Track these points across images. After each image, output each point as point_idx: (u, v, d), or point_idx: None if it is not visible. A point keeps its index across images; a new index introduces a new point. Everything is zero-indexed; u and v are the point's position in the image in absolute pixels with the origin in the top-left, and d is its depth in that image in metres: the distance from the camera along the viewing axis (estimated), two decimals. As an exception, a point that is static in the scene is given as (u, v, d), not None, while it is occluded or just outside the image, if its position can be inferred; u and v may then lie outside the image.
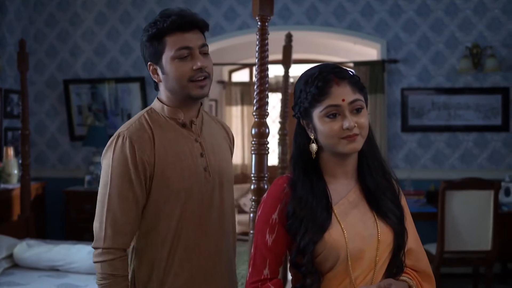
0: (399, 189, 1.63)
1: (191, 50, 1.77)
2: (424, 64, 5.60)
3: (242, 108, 7.96)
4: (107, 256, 1.71)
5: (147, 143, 1.75)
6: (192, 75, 1.76)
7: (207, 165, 1.83)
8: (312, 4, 5.70)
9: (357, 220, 1.53)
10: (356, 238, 1.50)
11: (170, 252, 1.77)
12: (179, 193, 1.76)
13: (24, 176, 4.63)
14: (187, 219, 1.78)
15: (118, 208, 1.72)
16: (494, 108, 5.53)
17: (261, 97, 2.42)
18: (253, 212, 2.42)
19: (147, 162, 1.74)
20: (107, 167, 1.75)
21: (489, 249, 4.33)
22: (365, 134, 1.53)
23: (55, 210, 5.84)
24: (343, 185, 1.57)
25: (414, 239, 1.60)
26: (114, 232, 1.72)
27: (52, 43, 5.98)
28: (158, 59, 1.79)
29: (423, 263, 1.62)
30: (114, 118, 5.92)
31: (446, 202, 4.30)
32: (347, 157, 1.56)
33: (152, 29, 1.79)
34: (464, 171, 5.42)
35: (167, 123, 1.81)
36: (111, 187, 1.73)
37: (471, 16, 5.54)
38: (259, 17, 2.41)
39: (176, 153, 1.78)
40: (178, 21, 1.76)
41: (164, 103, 1.84)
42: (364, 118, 1.52)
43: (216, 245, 1.84)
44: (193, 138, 1.83)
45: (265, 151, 2.43)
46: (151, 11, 5.80)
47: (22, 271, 3.71)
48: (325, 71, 1.52)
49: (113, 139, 1.77)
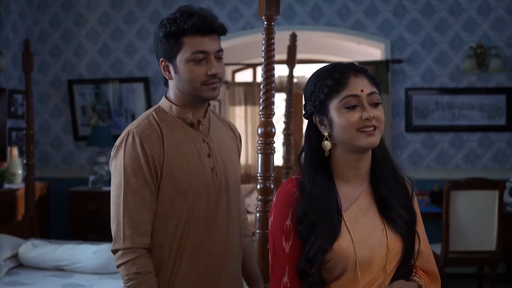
0: (413, 192, 1.59)
1: (207, 54, 1.76)
2: (428, 64, 5.59)
3: (246, 108, 7.95)
4: (129, 256, 1.69)
5: (157, 141, 1.74)
6: (205, 80, 1.75)
7: (214, 166, 1.81)
8: (316, 4, 5.70)
9: (366, 228, 1.49)
10: (365, 247, 1.47)
11: (178, 252, 1.75)
12: (186, 193, 1.75)
13: (28, 176, 4.63)
14: (194, 220, 1.76)
15: (135, 207, 1.70)
16: (499, 108, 5.52)
17: (267, 96, 2.42)
18: (259, 212, 2.42)
19: (157, 161, 1.72)
20: (119, 166, 1.72)
21: (493, 249, 4.32)
22: (382, 129, 1.48)
23: (59, 210, 5.84)
24: (354, 189, 1.52)
25: (423, 241, 1.58)
26: (133, 232, 1.69)
27: (56, 43, 5.99)
28: (172, 57, 1.78)
29: (431, 265, 1.60)
30: (118, 118, 5.92)
31: (451, 202, 4.29)
32: (362, 157, 1.51)
33: (171, 27, 1.76)
34: (468, 171, 5.42)
35: (175, 122, 1.80)
36: (126, 186, 1.70)
37: (475, 16, 5.53)
38: (265, 17, 2.40)
39: (184, 153, 1.77)
40: (199, 24, 1.74)
41: (172, 102, 1.82)
42: (382, 112, 1.48)
43: (223, 246, 1.82)
44: (201, 138, 1.82)
45: (271, 151, 2.43)
46: (156, 11, 5.81)
47: (27, 271, 3.71)
48: (341, 65, 1.51)
49: (122, 138, 1.75)
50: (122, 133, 1.78)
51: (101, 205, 5.22)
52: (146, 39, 5.86)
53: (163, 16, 1.86)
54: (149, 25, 5.84)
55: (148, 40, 5.85)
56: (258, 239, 2.40)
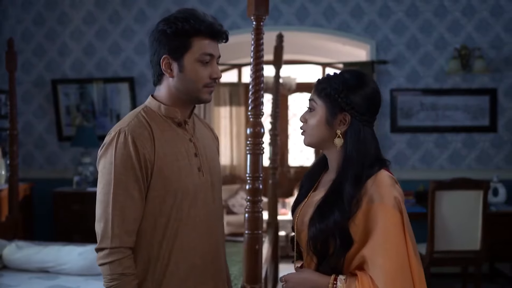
0: (356, 211, 1.60)
1: (212, 58, 1.80)
2: (413, 65, 5.64)
3: (231, 108, 7.94)
4: (116, 256, 1.68)
5: (148, 140, 1.74)
6: (208, 82, 1.80)
7: (200, 165, 1.83)
8: (302, 4, 5.71)
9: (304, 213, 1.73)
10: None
11: (166, 252, 1.76)
12: (176, 193, 1.76)
13: (12, 177, 4.56)
14: (183, 219, 1.77)
15: (125, 206, 1.70)
16: (482, 109, 5.58)
17: (256, 96, 2.42)
18: (248, 212, 2.40)
19: (148, 160, 1.72)
20: (109, 165, 1.71)
21: (478, 249, 4.36)
22: (309, 132, 1.76)
23: (43, 211, 5.78)
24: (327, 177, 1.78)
25: (373, 251, 1.56)
26: (122, 231, 1.69)
27: (40, 42, 5.93)
28: (179, 55, 1.77)
29: (375, 277, 1.54)
30: (102, 118, 5.88)
31: (436, 202, 4.32)
32: (326, 152, 1.79)
33: (183, 24, 1.74)
34: (452, 171, 5.46)
35: (164, 122, 1.81)
36: (116, 184, 1.69)
37: (460, 18, 5.58)
38: (254, 17, 2.39)
39: (174, 152, 1.78)
40: (214, 28, 1.78)
41: (161, 102, 1.82)
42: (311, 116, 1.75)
43: (210, 244, 1.84)
44: (188, 138, 1.84)
45: (260, 151, 2.42)
46: (141, 11, 5.77)
47: (12, 273, 3.65)
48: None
49: (113, 136, 1.73)
50: (111, 131, 1.76)
51: (86, 206, 5.18)
52: (131, 39, 5.82)
53: (148, 16, 1.85)
54: (134, 24, 5.80)
55: (133, 40, 5.81)
56: (247, 240, 2.39)
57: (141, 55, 5.81)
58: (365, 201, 1.59)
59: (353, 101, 1.65)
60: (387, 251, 1.55)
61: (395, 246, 1.56)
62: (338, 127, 1.68)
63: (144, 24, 5.74)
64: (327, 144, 1.72)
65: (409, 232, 1.60)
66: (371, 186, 1.61)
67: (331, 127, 1.69)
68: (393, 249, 1.55)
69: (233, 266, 3.53)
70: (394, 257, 1.54)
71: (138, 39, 5.81)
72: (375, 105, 1.70)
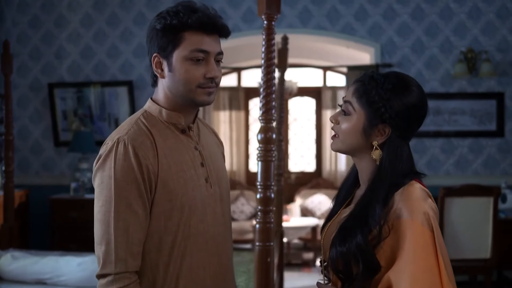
0: (381, 237, 1.42)
1: (207, 55, 1.59)
2: (419, 69, 5.52)
3: (231, 113, 7.84)
4: (122, 282, 1.50)
5: (150, 150, 1.55)
6: (202, 83, 1.59)
7: (208, 176, 1.65)
8: (305, 7, 5.60)
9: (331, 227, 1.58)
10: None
11: (174, 274, 1.57)
12: (182, 207, 1.57)
13: (7, 184, 4.45)
14: (191, 236, 1.59)
15: (129, 225, 1.51)
16: (489, 113, 5.47)
17: (267, 100, 2.29)
18: (259, 223, 2.28)
19: (152, 172, 1.54)
20: (108, 179, 1.52)
21: (488, 257, 4.26)
22: (342, 138, 1.56)
23: (39, 219, 5.63)
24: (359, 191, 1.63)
25: (398, 272, 1.40)
26: (127, 253, 1.51)
27: (36, 45, 5.79)
28: (168, 53, 1.59)
29: None
30: (100, 123, 5.74)
31: (445, 209, 4.22)
32: (355, 161, 1.62)
33: (172, 19, 1.57)
34: (459, 177, 5.35)
35: (166, 128, 1.62)
36: (117, 201, 1.51)
37: (466, 20, 5.48)
38: (265, 16, 2.27)
39: (179, 162, 1.60)
40: (204, 20, 1.57)
41: (162, 106, 1.64)
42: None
43: (221, 262, 1.67)
44: (193, 146, 1.65)
45: (271, 158, 2.29)
46: (140, 13, 5.65)
47: (7, 284, 3.53)
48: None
49: (111, 147, 1.54)
50: (108, 140, 1.58)
51: (83, 214, 5.04)
52: (130, 42, 5.69)
53: (147, 18, 1.70)
54: (133, 27, 5.67)
55: (132, 43, 5.68)
56: (258, 252, 2.26)
57: (140, 58, 5.68)
58: (392, 217, 1.42)
59: (398, 114, 1.46)
60: (414, 275, 1.36)
61: (423, 270, 1.37)
62: (375, 138, 1.49)
63: (143, 26, 5.60)
64: (358, 153, 1.54)
65: (442, 253, 1.41)
66: (399, 199, 1.43)
67: (367, 137, 1.50)
68: (420, 273, 1.37)
69: (239, 278, 3.40)
70: (421, 282, 1.36)
71: (137, 42, 5.68)
72: (419, 120, 1.51)
